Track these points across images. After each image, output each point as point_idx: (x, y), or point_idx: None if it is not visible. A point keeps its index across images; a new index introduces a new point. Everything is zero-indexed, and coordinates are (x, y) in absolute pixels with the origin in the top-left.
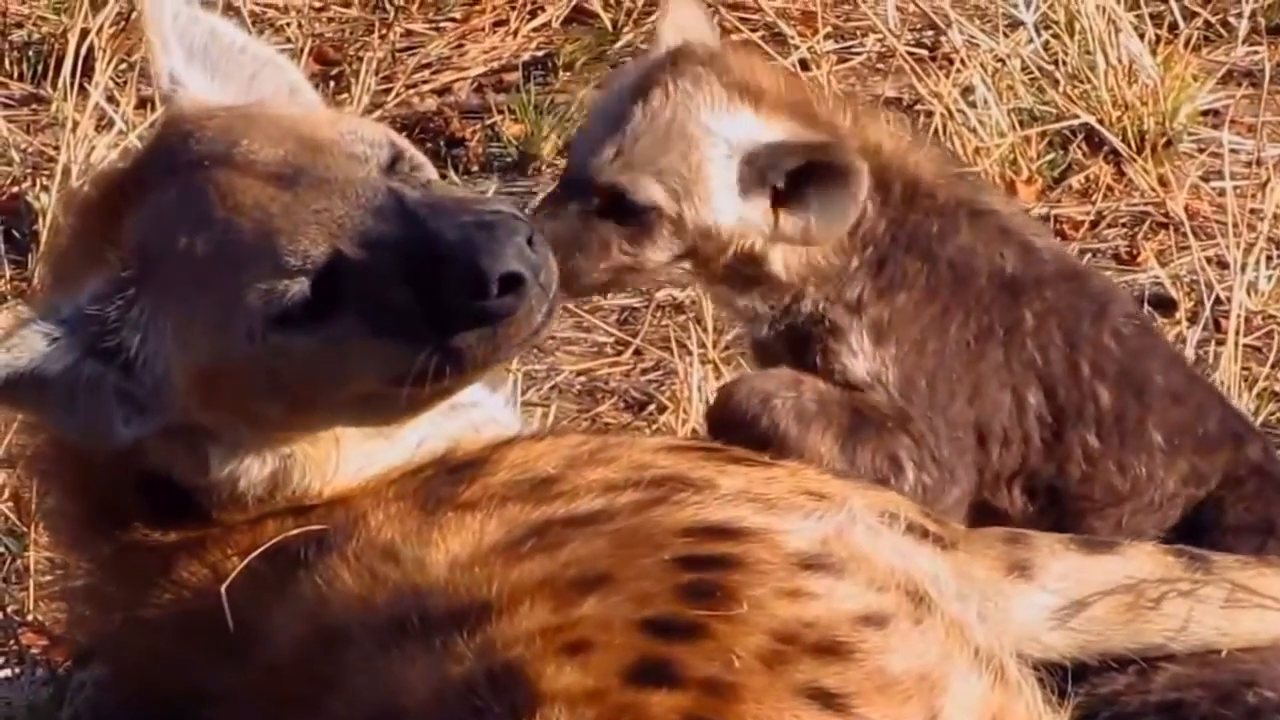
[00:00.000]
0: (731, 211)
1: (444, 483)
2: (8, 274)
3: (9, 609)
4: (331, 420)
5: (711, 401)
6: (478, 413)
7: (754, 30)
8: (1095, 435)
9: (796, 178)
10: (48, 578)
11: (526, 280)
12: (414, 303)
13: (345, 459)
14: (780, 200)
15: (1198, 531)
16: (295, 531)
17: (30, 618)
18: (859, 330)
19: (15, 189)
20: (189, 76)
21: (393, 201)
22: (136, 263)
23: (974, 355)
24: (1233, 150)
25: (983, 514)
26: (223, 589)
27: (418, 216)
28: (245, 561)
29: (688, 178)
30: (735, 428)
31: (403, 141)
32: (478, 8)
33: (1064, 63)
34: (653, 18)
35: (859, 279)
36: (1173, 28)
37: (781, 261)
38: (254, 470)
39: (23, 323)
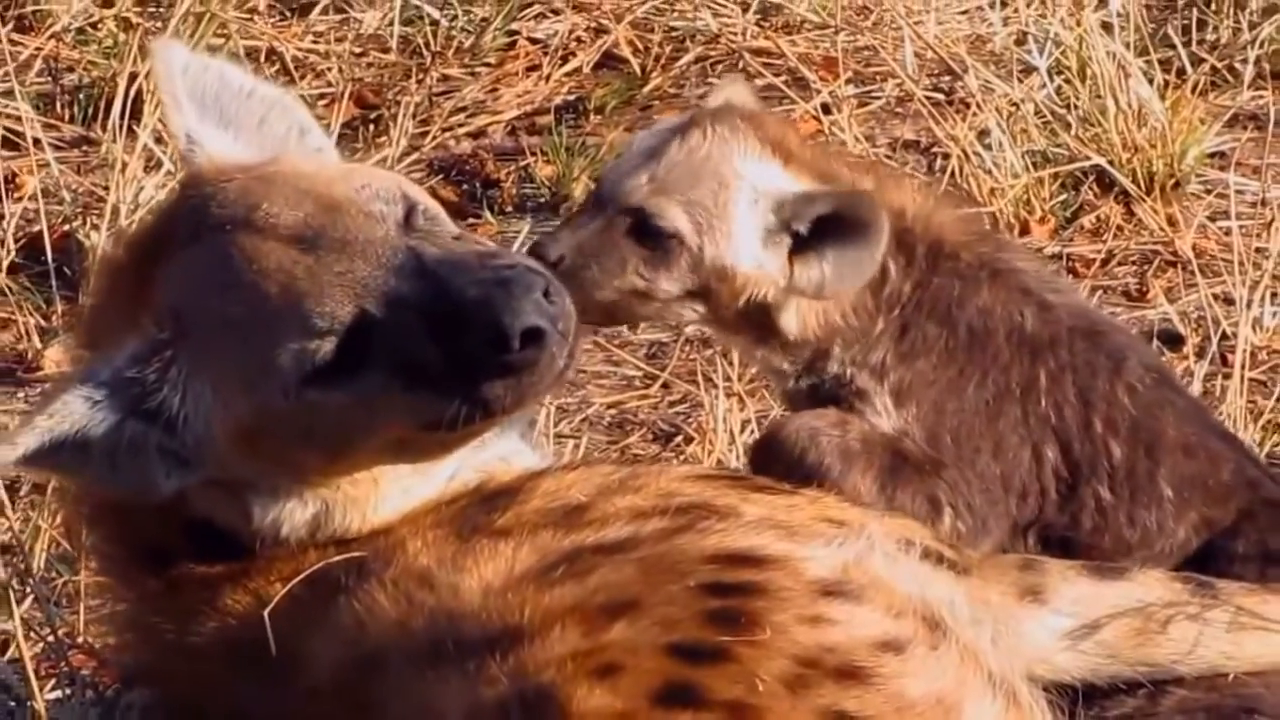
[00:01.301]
0: (750, 256)
1: (479, 511)
2: (60, 309)
3: (60, 632)
4: (369, 464)
5: (737, 430)
6: (505, 444)
7: (777, 75)
8: (1107, 488)
9: (817, 232)
10: (97, 602)
11: (547, 332)
12: (440, 358)
13: (383, 497)
14: (798, 252)
15: (1205, 557)
16: (336, 559)
17: (80, 640)
18: (882, 394)
19: (66, 227)
20: (204, 132)
21: (412, 260)
22: (170, 325)
23: (993, 413)
24: (1238, 191)
25: None
26: (265, 614)
27: (438, 275)
28: (288, 588)
29: (713, 213)
30: (781, 459)
31: (415, 191)
32: (511, 54)
33: (1076, 107)
34: (680, 62)
35: (883, 343)
36: (1180, 73)
37: (796, 318)
38: (295, 515)
39: (64, 388)
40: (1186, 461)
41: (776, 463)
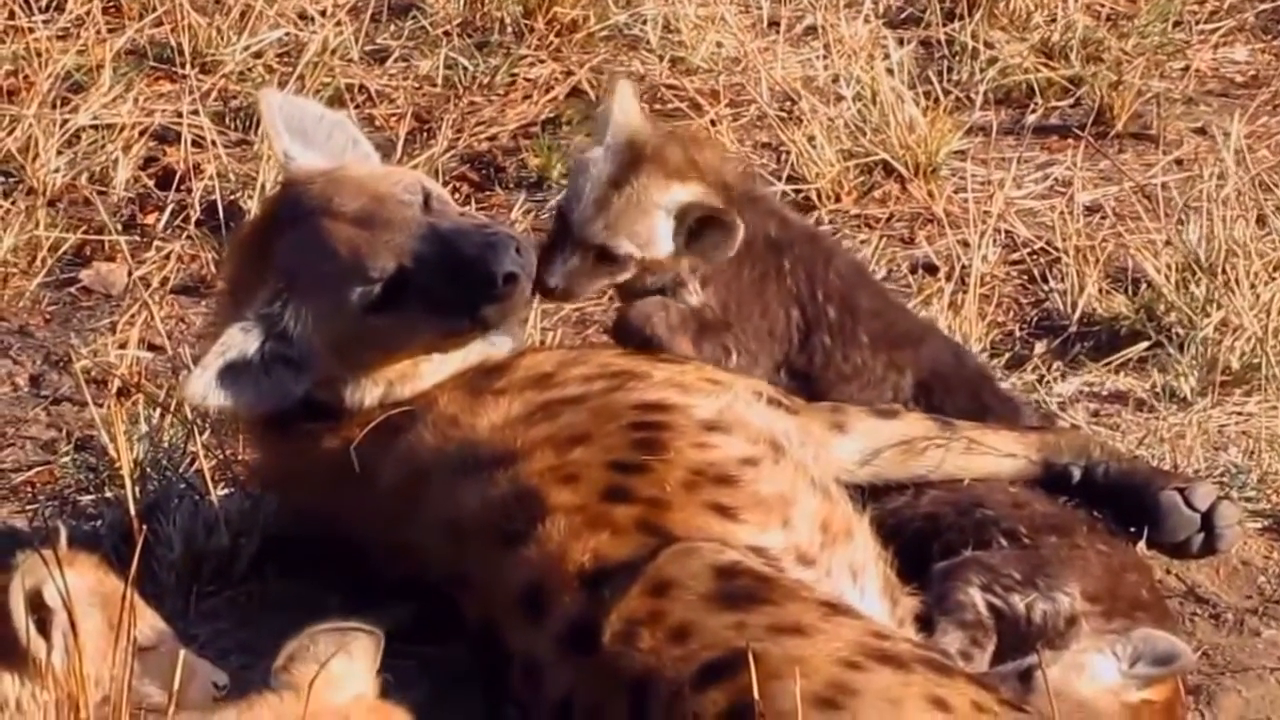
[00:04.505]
0: (664, 250)
1: (483, 379)
2: (227, 249)
3: (227, 452)
4: (411, 357)
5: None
6: (496, 337)
7: (682, 102)
8: (828, 337)
9: (700, 225)
10: (247, 438)
11: (519, 275)
12: (452, 293)
13: (422, 375)
14: (687, 242)
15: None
16: (395, 412)
17: (240, 458)
18: (695, 281)
19: (232, 196)
20: (294, 150)
21: (431, 230)
22: (285, 279)
23: (759, 289)
24: (973, 176)
25: None
26: (351, 448)
27: (449, 239)
28: (366, 429)
29: (646, 235)
30: (631, 332)
31: (430, 183)
32: (514, 87)
33: (869, 120)
34: None
35: None
36: (936, 100)
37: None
38: (371, 393)
39: (227, 324)
40: (875, 321)
41: (628, 336)
